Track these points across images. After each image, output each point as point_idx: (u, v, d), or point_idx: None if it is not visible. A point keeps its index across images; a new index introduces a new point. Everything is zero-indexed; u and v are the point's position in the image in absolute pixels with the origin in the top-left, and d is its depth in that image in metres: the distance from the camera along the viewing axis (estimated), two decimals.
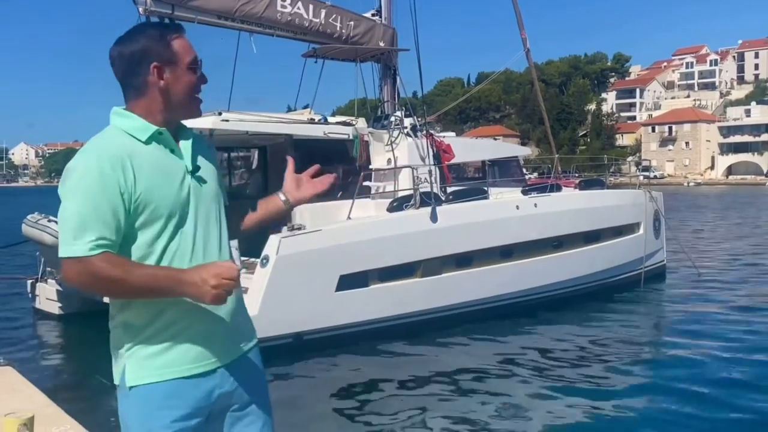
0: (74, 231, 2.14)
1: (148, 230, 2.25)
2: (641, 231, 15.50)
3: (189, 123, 2.46)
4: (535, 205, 13.23)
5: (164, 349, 2.28)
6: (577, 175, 18.15)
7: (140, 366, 2.28)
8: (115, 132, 2.29)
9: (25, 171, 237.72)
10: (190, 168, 2.34)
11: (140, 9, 11.34)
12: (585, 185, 15.87)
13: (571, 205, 14.08)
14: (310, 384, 9.01)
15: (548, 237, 13.22)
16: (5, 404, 4.39)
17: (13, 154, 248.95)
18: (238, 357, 2.44)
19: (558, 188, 14.43)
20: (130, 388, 2.28)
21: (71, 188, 2.18)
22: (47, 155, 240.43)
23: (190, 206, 2.32)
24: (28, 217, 11.06)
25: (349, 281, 10.45)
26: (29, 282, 13.25)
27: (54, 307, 12.46)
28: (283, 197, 2.67)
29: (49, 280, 12.67)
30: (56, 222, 10.76)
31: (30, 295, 13.19)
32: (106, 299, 2.30)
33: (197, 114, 2.41)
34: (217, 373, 2.36)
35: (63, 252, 2.15)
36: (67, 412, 4.65)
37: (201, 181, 2.37)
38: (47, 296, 12.60)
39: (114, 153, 2.20)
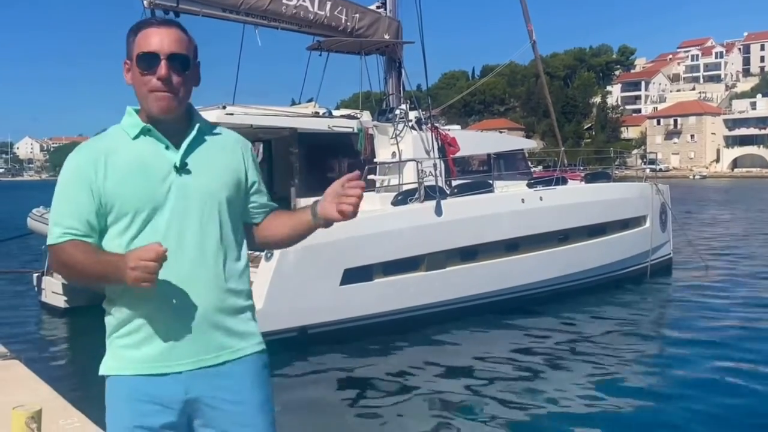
0: (52, 221, 2.31)
1: (117, 223, 2.30)
2: (648, 224, 15.47)
3: None
4: (541, 198, 13.20)
5: (132, 345, 2.31)
6: (582, 168, 18.11)
7: (111, 357, 2.36)
8: (112, 130, 2.39)
9: (30, 165, 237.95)
10: (177, 164, 2.31)
11: (145, 2, 11.33)
12: (591, 178, 15.83)
13: (577, 199, 14.04)
14: (315, 377, 9.02)
15: (554, 230, 13.19)
16: (13, 397, 4.39)
17: (17, 148, 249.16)
18: (212, 365, 2.34)
19: (564, 181, 14.39)
20: (104, 377, 2.38)
21: (58, 183, 2.34)
22: (52, 149, 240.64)
23: (168, 202, 2.29)
24: (33, 210, 11.09)
25: (353, 275, 10.44)
26: (35, 276, 13.28)
27: (60, 301, 12.48)
28: (312, 212, 2.41)
29: (55, 274, 12.69)
30: None
31: (36, 289, 13.22)
32: None
33: (159, 111, 2.30)
34: (182, 376, 2.30)
35: (47, 241, 2.33)
36: (75, 405, 4.65)
37: (190, 176, 2.32)
38: (53, 290, 12.62)
39: (92, 150, 2.33)
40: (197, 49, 2.43)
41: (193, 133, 2.37)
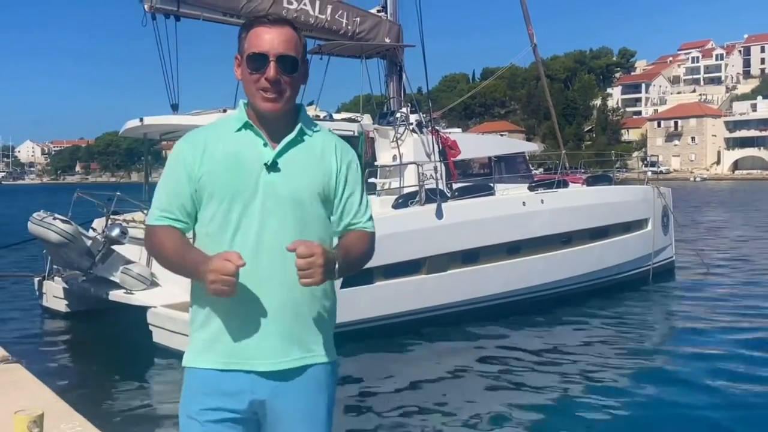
0: (152, 203, 2.41)
1: (206, 211, 2.36)
2: (649, 227, 15.45)
3: (196, 120, 2.45)
4: (542, 201, 13.19)
5: (209, 339, 2.37)
6: (582, 171, 18.09)
7: (190, 350, 2.42)
8: (219, 121, 2.49)
9: (32, 168, 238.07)
10: (268, 162, 2.34)
11: (145, 6, 11.35)
12: (593, 181, 15.81)
13: (578, 201, 14.02)
14: None
15: (555, 233, 13.17)
16: (15, 401, 4.39)
17: (19, 151, 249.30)
18: (278, 369, 2.35)
19: (565, 184, 14.37)
20: (184, 368, 2.43)
21: (165, 166, 2.44)
22: (53, 153, 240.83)
23: (255, 198, 2.32)
24: (34, 215, 11.04)
25: (353, 278, 10.33)
26: (36, 280, 13.26)
27: (61, 305, 12.46)
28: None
29: (56, 278, 12.66)
30: (61, 220, 10.75)
31: (37, 293, 13.21)
32: (111, 298, 2.31)
33: (265, 109, 2.36)
34: (251, 375, 2.33)
35: (146, 221, 2.45)
36: (76, 409, 4.66)
37: (278, 176, 2.34)
38: (54, 294, 12.60)
39: (195, 138, 2.41)
40: (306, 47, 2.48)
41: (293, 134, 2.39)
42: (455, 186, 13.11)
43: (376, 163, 12.96)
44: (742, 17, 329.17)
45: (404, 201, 11.70)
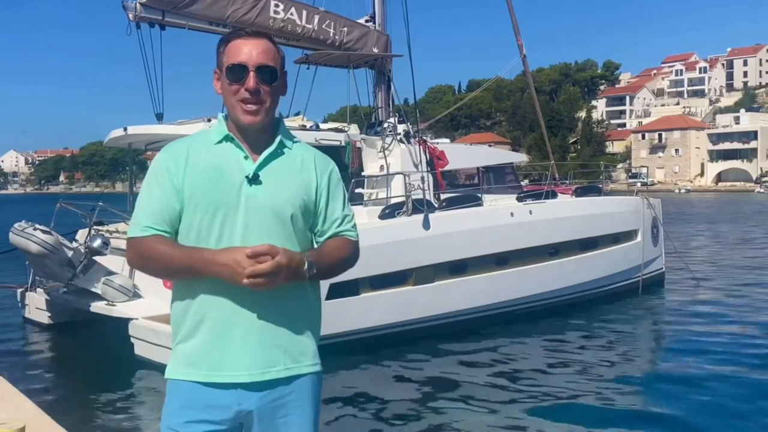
0: (135, 215, 2.38)
1: (187, 222, 2.35)
2: (639, 238, 15.43)
3: (181, 130, 2.40)
4: (530, 212, 13.14)
5: (191, 351, 2.37)
6: (568, 182, 18.09)
7: (173, 361, 2.41)
8: (199, 133, 2.49)
9: (15, 178, 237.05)
10: (249, 175, 2.35)
11: (130, 15, 11.27)
12: (581, 192, 15.79)
13: (567, 212, 13.99)
14: None
15: (544, 244, 13.12)
16: None
17: (2, 161, 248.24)
18: (264, 380, 2.35)
19: (554, 195, 14.35)
20: (167, 379, 2.42)
21: (144, 179, 2.42)
22: (37, 162, 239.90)
23: (237, 210, 2.32)
24: (15, 225, 10.89)
25: (339, 289, 10.18)
26: (19, 291, 13.10)
27: (43, 317, 12.31)
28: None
29: (39, 290, 12.51)
30: (42, 230, 10.59)
31: (20, 305, 13.04)
32: (93, 309, 2.25)
33: (246, 121, 2.37)
34: (236, 387, 2.33)
35: (128, 234, 2.40)
36: (59, 421, 4.56)
37: (260, 189, 2.35)
38: (36, 306, 12.45)
39: (176, 149, 2.41)
40: (285, 59, 2.48)
41: (273, 146, 2.41)
42: (443, 196, 13.07)
43: (363, 173, 12.91)
44: (725, 31, 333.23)
45: (391, 211, 11.63)
